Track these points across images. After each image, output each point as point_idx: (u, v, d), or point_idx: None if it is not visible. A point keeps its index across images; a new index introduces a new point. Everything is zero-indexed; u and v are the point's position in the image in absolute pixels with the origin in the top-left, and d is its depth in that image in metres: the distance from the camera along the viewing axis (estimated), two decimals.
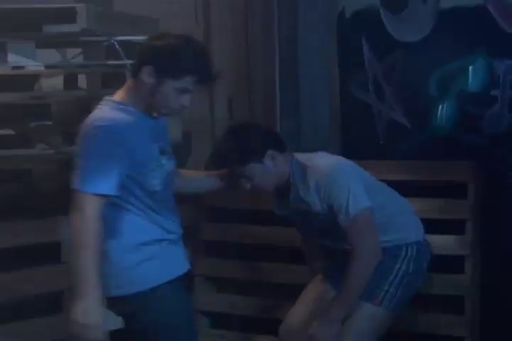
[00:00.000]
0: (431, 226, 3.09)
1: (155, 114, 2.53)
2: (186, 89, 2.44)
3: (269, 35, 4.10)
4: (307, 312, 2.95)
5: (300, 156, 2.84)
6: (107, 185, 2.40)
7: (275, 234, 3.52)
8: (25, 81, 3.69)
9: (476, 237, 3.41)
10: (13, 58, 3.72)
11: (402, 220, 2.91)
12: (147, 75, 2.43)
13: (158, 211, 2.55)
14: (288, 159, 2.80)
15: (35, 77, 3.69)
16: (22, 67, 3.72)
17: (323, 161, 2.81)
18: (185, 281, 2.61)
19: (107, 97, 2.52)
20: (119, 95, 2.51)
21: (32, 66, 3.73)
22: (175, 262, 2.59)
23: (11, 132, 3.63)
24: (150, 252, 2.53)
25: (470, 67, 3.53)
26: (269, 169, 2.76)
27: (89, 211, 2.39)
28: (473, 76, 3.53)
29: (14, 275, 3.32)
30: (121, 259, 2.51)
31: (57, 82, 3.71)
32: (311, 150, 2.94)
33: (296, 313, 2.99)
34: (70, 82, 3.82)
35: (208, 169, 2.97)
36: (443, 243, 3.37)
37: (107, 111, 2.47)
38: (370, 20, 3.79)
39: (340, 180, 2.74)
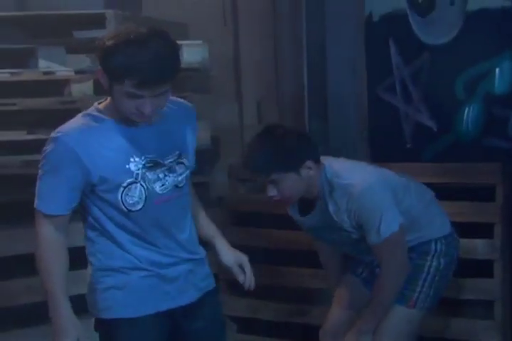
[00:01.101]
0: (459, 229, 3.07)
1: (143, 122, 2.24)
2: (133, 94, 2.12)
3: (297, 39, 4.11)
4: (346, 315, 2.95)
5: (328, 168, 2.76)
6: (54, 204, 2.23)
7: (299, 239, 3.52)
8: (56, 86, 3.73)
9: (506, 241, 3.38)
10: (43, 63, 3.75)
11: (427, 218, 2.88)
12: (101, 78, 2.20)
13: (142, 235, 2.28)
14: (320, 170, 2.74)
15: (65, 82, 3.72)
16: (52, 73, 3.75)
17: (352, 178, 2.73)
18: (167, 319, 2.34)
19: (96, 102, 2.33)
20: (106, 100, 2.30)
21: (62, 71, 3.76)
22: (147, 299, 2.31)
23: (41, 137, 3.65)
24: (122, 280, 2.30)
25: (496, 69, 3.51)
26: (303, 179, 2.69)
27: (40, 229, 2.25)
28: (500, 78, 3.51)
29: (31, 282, 3.36)
30: (96, 280, 2.32)
31: (87, 87, 3.73)
32: (339, 153, 2.92)
33: (335, 316, 2.98)
34: (100, 87, 3.84)
35: (239, 170, 2.81)
36: (471, 247, 3.33)
37: (77, 118, 2.28)
38: (397, 23, 3.79)
39: (372, 201, 2.70)
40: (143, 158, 2.24)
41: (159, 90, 2.14)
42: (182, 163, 2.31)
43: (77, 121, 2.26)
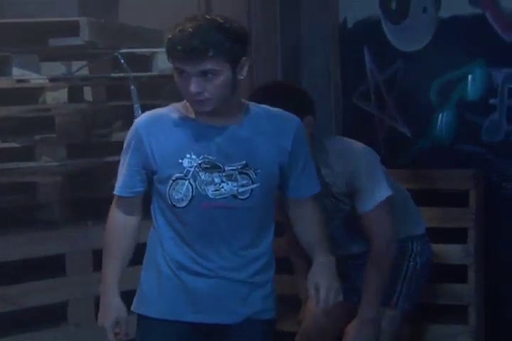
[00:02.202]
0: (433, 235, 3.09)
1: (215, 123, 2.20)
2: (177, 69, 2.14)
3: (271, 46, 4.12)
4: (322, 321, 2.93)
5: (322, 135, 2.78)
6: (119, 184, 2.28)
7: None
8: (30, 94, 3.71)
9: (479, 246, 3.40)
10: (17, 71, 3.73)
11: (406, 212, 2.90)
12: None
13: (185, 237, 2.23)
14: (315, 136, 2.73)
15: (39, 90, 3.70)
16: (26, 80, 3.72)
17: (347, 142, 2.78)
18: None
19: None
20: None
21: (36, 79, 3.74)
22: (169, 304, 2.26)
23: (15, 145, 3.64)
24: (152, 277, 2.29)
25: (469, 76, 3.54)
26: None
27: (111, 211, 2.31)
28: (472, 85, 3.54)
29: (18, 288, 3.34)
30: (142, 273, 2.34)
31: (62, 94, 3.72)
32: None
33: (311, 323, 2.96)
34: (75, 94, 3.84)
35: None
36: (445, 252, 3.36)
37: (165, 107, 2.30)
38: (371, 30, 3.82)
39: (369, 165, 2.72)
40: (201, 157, 2.18)
41: (199, 66, 2.10)
42: (246, 173, 2.20)
43: (159, 110, 2.29)
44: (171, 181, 2.20)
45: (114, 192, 2.30)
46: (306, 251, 2.39)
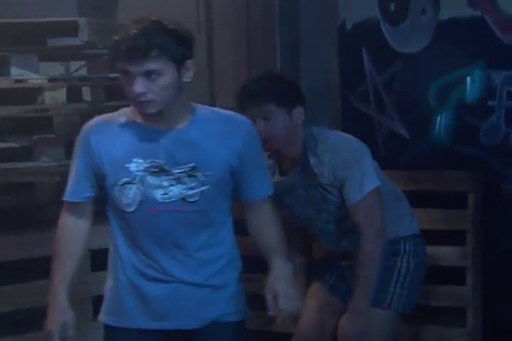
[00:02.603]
0: (431, 237, 3.09)
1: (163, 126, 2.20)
2: (120, 68, 2.14)
3: (270, 48, 4.13)
4: (316, 323, 2.94)
5: (314, 127, 2.80)
6: (69, 190, 2.28)
7: None
8: (29, 94, 3.71)
9: (477, 248, 3.41)
10: (16, 71, 3.73)
11: (397, 212, 2.89)
12: None
13: (137, 242, 2.22)
14: (306, 126, 2.76)
15: (38, 90, 3.70)
16: (25, 80, 3.73)
17: (337, 135, 2.81)
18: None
19: None
20: None
21: (35, 79, 3.74)
22: (129, 312, 2.25)
23: (13, 145, 3.64)
24: (112, 284, 2.28)
25: (468, 78, 3.55)
26: (292, 122, 2.69)
27: (61, 216, 2.31)
28: (471, 87, 3.55)
29: (17, 288, 3.35)
30: (108, 280, 2.33)
31: (60, 94, 3.72)
32: None
33: (305, 325, 2.96)
34: (73, 94, 3.84)
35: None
36: (443, 254, 3.36)
37: (116, 112, 2.31)
38: (370, 31, 3.83)
39: (355, 156, 2.73)
40: (148, 161, 2.18)
41: (143, 66, 2.10)
42: (194, 176, 2.19)
43: (108, 114, 2.30)
44: (119, 186, 2.20)
45: (63, 198, 2.29)
46: (262, 253, 2.35)
